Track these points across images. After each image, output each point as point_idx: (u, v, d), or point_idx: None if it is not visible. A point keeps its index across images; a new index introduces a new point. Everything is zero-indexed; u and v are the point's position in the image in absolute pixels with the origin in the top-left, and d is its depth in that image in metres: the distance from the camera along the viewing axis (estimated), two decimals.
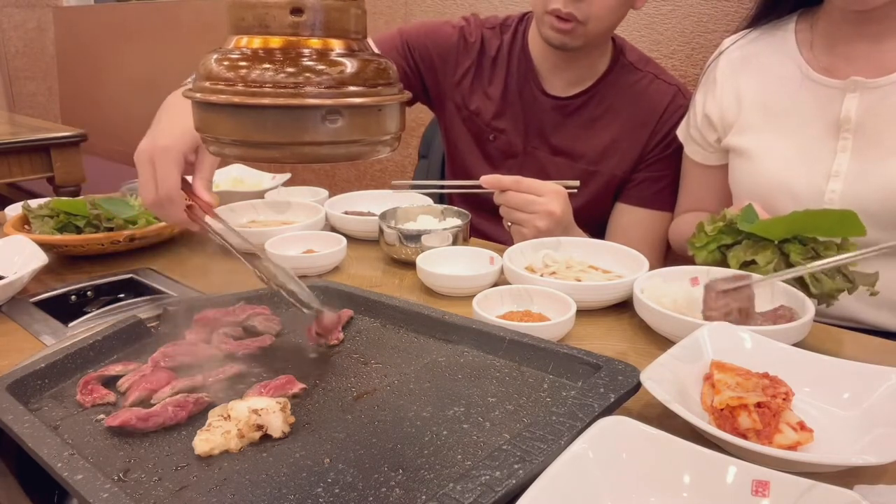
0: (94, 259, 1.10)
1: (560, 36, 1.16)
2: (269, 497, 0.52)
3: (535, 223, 1.09)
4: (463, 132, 1.38)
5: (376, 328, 0.82)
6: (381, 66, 0.46)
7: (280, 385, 0.66)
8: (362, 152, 0.46)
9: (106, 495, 0.49)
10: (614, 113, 1.29)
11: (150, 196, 0.87)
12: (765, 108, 1.10)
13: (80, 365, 0.70)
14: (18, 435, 0.56)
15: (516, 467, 0.50)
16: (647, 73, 1.30)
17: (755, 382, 0.63)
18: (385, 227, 1.10)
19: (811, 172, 1.04)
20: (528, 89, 1.31)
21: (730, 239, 0.94)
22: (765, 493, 0.49)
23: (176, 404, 0.62)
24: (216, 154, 0.47)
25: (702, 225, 0.95)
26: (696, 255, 0.96)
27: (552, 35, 1.17)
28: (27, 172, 2.77)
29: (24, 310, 0.92)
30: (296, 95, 0.42)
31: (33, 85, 4.42)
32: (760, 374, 0.65)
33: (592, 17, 1.13)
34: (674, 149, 1.28)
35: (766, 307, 0.86)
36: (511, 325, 0.79)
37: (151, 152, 0.86)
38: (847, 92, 1.01)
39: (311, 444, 0.59)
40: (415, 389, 0.67)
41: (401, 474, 0.54)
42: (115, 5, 3.98)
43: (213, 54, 0.45)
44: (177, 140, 0.86)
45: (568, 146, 1.31)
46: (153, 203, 0.87)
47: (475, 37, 1.35)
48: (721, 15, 1.60)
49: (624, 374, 0.64)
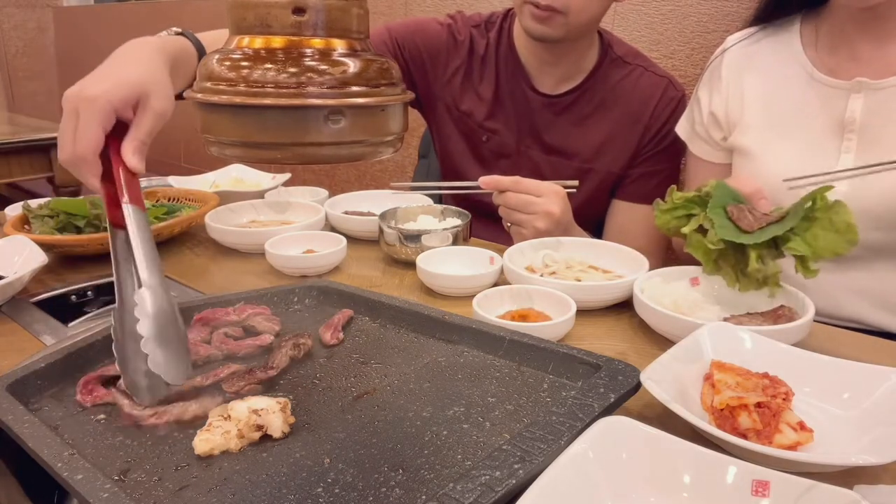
0: (94, 259, 1.10)
1: (540, 26, 1.14)
2: (269, 497, 0.52)
3: (535, 224, 1.09)
4: (454, 133, 1.37)
5: (376, 328, 0.82)
6: (383, 65, 0.46)
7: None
8: (365, 153, 0.47)
9: (106, 495, 0.49)
10: (606, 109, 1.28)
11: (65, 151, 0.71)
12: (769, 107, 1.10)
13: (80, 365, 0.70)
14: (18, 435, 0.56)
15: (516, 467, 0.50)
16: (636, 66, 1.29)
17: (755, 382, 0.63)
18: (385, 227, 1.10)
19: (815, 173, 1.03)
20: (519, 88, 1.30)
21: (698, 210, 0.91)
22: (765, 493, 0.49)
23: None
24: (217, 154, 0.47)
25: (672, 190, 0.94)
26: (657, 218, 0.94)
27: (532, 25, 1.15)
28: (27, 172, 2.77)
29: (24, 310, 0.92)
30: (298, 96, 0.42)
31: (33, 85, 4.42)
32: (760, 374, 0.65)
33: (572, 8, 1.11)
34: (669, 142, 1.27)
35: (767, 307, 0.86)
36: (511, 325, 0.79)
37: (76, 101, 0.71)
38: (852, 93, 1.01)
39: (311, 444, 0.59)
40: (415, 389, 0.67)
41: (401, 474, 0.54)
42: (115, 5, 3.98)
43: (214, 54, 0.45)
44: (107, 90, 0.71)
45: (561, 144, 1.30)
46: (67, 160, 0.72)
47: (464, 35, 1.33)
48: (721, 15, 1.60)
49: (624, 374, 0.64)
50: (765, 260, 0.84)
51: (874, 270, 1.04)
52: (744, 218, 0.87)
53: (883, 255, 1.03)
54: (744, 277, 0.87)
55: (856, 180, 1.00)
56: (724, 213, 0.88)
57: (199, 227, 1.22)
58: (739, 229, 0.86)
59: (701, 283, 0.93)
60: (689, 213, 0.92)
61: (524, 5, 1.14)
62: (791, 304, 0.85)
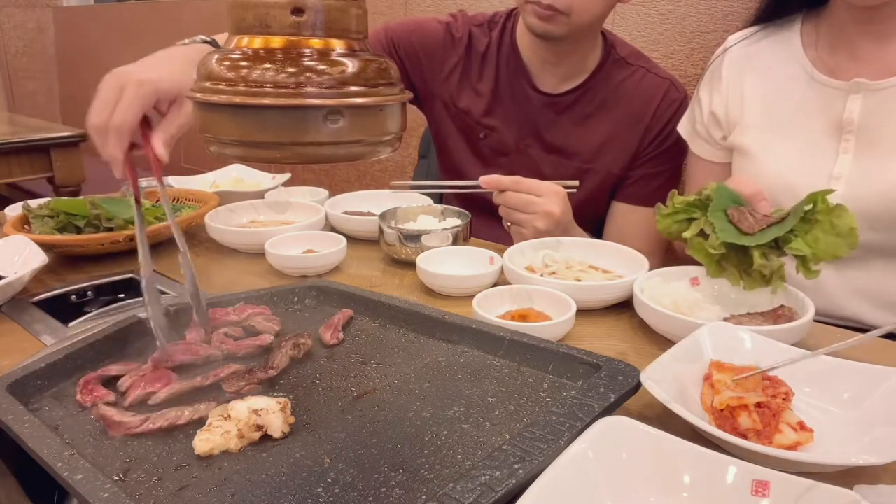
0: (94, 259, 1.10)
1: (542, 24, 1.14)
2: (269, 497, 0.52)
3: (535, 224, 1.09)
4: (452, 130, 1.37)
5: (376, 328, 0.82)
6: (382, 65, 0.46)
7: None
8: (364, 152, 0.47)
9: (106, 495, 0.49)
10: (607, 109, 1.29)
11: (101, 118, 0.76)
12: (768, 107, 1.10)
13: (80, 365, 0.70)
14: (18, 435, 0.56)
15: (516, 467, 0.50)
16: (638, 67, 1.29)
17: (755, 382, 0.63)
18: (385, 227, 1.10)
19: (813, 174, 1.03)
20: (520, 86, 1.30)
21: (699, 214, 0.92)
22: (765, 493, 0.49)
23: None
24: (217, 154, 0.47)
25: (673, 194, 0.94)
26: (658, 223, 0.94)
27: (535, 23, 1.16)
28: (27, 172, 2.77)
29: (24, 310, 0.92)
30: (297, 95, 0.42)
31: (33, 85, 4.42)
32: (759, 372, 0.65)
33: (574, 8, 1.12)
34: (670, 143, 1.27)
35: (766, 307, 0.86)
36: (511, 325, 0.79)
37: (125, 79, 0.77)
38: (850, 93, 1.01)
39: (311, 444, 0.59)
40: (415, 389, 0.67)
41: (401, 474, 0.54)
42: (115, 5, 3.98)
43: (213, 54, 0.45)
44: (156, 80, 0.77)
45: (561, 143, 1.30)
46: (98, 125, 0.77)
47: (462, 32, 1.33)
48: (721, 15, 1.60)
49: (624, 374, 0.64)
50: (768, 257, 0.84)
51: (871, 270, 1.04)
52: (745, 220, 0.87)
53: (880, 255, 1.03)
54: (748, 277, 0.87)
55: (852, 181, 1.00)
56: (724, 217, 0.88)
57: (199, 227, 1.21)
58: (740, 231, 0.86)
59: (701, 283, 0.93)
60: (689, 217, 0.92)
61: (526, 4, 1.15)
62: (791, 304, 0.85)
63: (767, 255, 0.84)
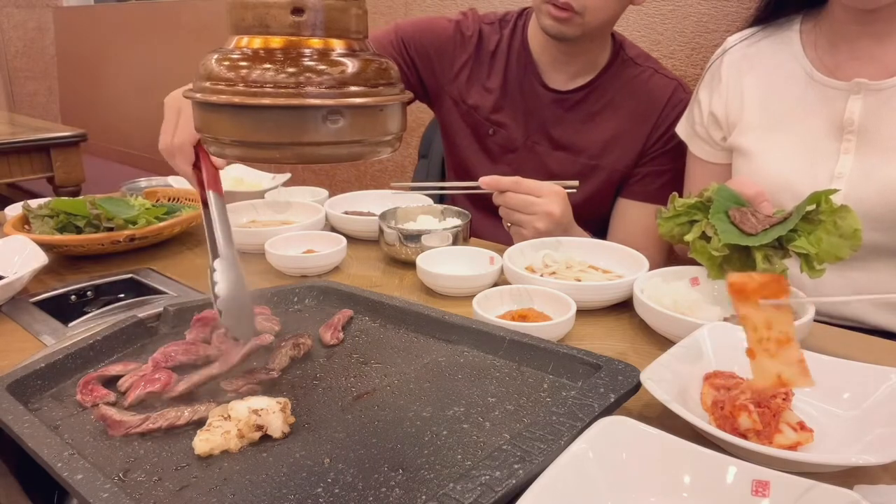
0: (94, 259, 1.10)
1: (557, 25, 1.16)
2: (269, 497, 0.52)
3: (535, 224, 1.09)
4: (462, 127, 1.38)
5: (376, 328, 0.82)
6: (382, 65, 0.46)
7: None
8: (363, 152, 0.47)
9: (106, 495, 0.49)
10: (615, 107, 1.30)
11: (165, 141, 0.91)
12: (768, 108, 1.10)
13: (80, 365, 0.70)
14: (18, 435, 0.56)
15: (516, 467, 0.50)
16: (646, 67, 1.31)
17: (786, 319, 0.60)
18: (385, 227, 1.10)
19: (814, 174, 1.03)
20: (529, 83, 1.31)
21: (701, 216, 0.91)
22: (765, 493, 0.49)
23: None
24: (216, 154, 0.47)
25: (674, 197, 0.94)
26: (660, 226, 0.94)
27: (550, 24, 1.17)
28: (27, 172, 2.77)
29: (24, 310, 0.92)
30: (297, 95, 0.42)
31: (33, 85, 4.42)
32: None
33: (589, 8, 1.13)
34: (676, 143, 1.28)
35: None
36: (511, 325, 0.79)
37: (180, 103, 0.91)
38: (851, 94, 1.01)
39: (311, 444, 0.59)
40: (415, 389, 0.67)
41: (401, 474, 0.54)
42: (115, 5, 3.98)
43: (213, 54, 0.45)
44: None
45: (569, 140, 1.31)
46: (165, 148, 0.91)
47: (472, 30, 1.35)
48: (721, 15, 1.60)
49: (624, 374, 0.64)
50: (772, 259, 0.84)
51: (873, 271, 1.04)
52: (746, 221, 0.87)
53: (881, 255, 1.02)
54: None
55: (854, 181, 1.00)
56: (726, 218, 0.88)
57: (199, 227, 1.21)
58: (743, 232, 0.86)
59: (701, 283, 0.93)
60: (691, 220, 0.92)
61: (543, 4, 1.16)
62: (791, 303, 0.85)
63: (770, 258, 0.84)
